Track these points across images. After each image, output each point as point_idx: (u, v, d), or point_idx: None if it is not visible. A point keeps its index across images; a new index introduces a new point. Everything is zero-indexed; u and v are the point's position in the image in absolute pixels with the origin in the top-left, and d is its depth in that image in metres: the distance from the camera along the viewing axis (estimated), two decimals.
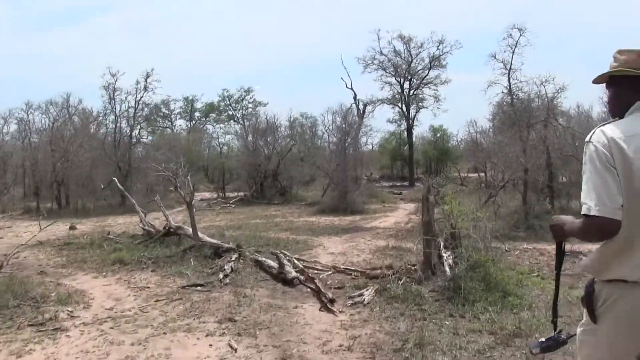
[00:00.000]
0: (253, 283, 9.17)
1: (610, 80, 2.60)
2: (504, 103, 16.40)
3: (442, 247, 8.23)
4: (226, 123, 62.20)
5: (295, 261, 10.05)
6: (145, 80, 27.44)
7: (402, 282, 7.96)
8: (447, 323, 6.44)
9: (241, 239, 13.87)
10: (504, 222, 14.45)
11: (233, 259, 10.77)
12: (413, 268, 8.44)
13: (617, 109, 2.57)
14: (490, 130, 26.87)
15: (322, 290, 7.98)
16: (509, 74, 15.54)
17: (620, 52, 2.55)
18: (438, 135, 47.35)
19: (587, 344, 2.55)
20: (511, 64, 15.43)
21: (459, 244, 8.27)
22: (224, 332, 6.50)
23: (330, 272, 9.58)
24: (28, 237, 15.36)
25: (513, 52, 15.43)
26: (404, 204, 24.58)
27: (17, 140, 30.30)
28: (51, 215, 23.02)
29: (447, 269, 7.74)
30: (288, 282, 8.99)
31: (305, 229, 16.22)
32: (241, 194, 29.39)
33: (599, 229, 2.28)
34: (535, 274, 8.99)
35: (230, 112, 63.97)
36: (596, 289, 2.47)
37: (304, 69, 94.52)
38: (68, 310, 7.75)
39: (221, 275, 9.46)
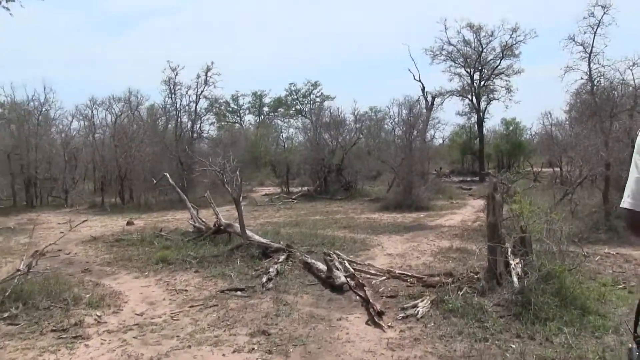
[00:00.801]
0: (298, 288, 8.41)
1: None
2: (583, 91, 14.88)
3: (509, 253, 7.17)
4: (295, 117, 62.29)
5: (347, 264, 9.21)
6: (206, 74, 27.07)
7: (462, 292, 6.99)
8: (512, 346, 5.46)
9: (295, 237, 13.26)
10: (582, 223, 13.12)
11: (280, 260, 10.08)
12: (476, 277, 7.43)
13: None
14: (567, 122, 25.21)
15: (371, 300, 7.10)
16: (589, 57, 14.07)
17: None
18: (510, 128, 45.38)
19: None
20: (592, 46, 13.96)
21: (529, 250, 7.20)
22: (254, 348, 5.76)
23: (384, 278, 8.67)
24: (86, 232, 15.24)
25: (595, 33, 13.94)
26: (472, 201, 23.27)
27: (84, 138, 30.53)
28: (114, 210, 23.15)
29: (514, 279, 6.70)
30: (336, 288, 8.19)
31: (366, 227, 15.33)
32: (305, 188, 28.75)
33: (630, 222, 2.13)
34: (621, 286, 7.80)
35: (298, 107, 63.89)
36: None
37: (371, 62, 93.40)
38: (96, 315, 7.25)
39: (264, 279, 8.75)
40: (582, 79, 14.34)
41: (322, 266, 9.14)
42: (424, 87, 39.08)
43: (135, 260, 11.11)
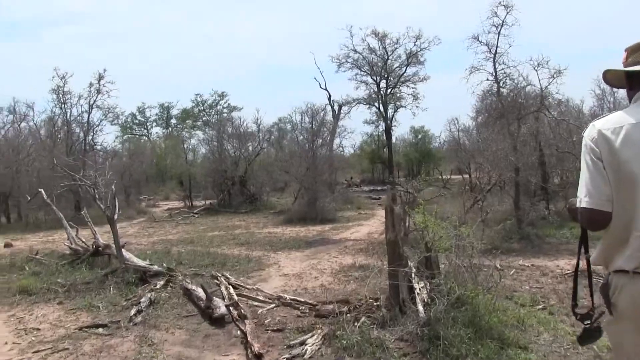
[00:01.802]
0: (171, 322, 7.02)
1: (625, 74, 2.55)
2: (489, 93, 14.18)
3: (413, 275, 6.02)
4: (202, 129, 60.42)
5: (231, 290, 7.86)
6: (99, 82, 24.98)
7: (359, 324, 5.77)
8: None
9: (186, 256, 11.93)
10: (494, 232, 12.32)
11: (158, 286, 8.63)
12: (375, 304, 6.24)
13: (629, 102, 2.54)
14: (474, 127, 24.85)
15: (249, 337, 5.79)
16: (494, 57, 13.39)
17: (625, 50, 2.56)
18: (419, 136, 45.44)
19: (611, 333, 2.54)
20: (497, 46, 13.29)
21: (436, 271, 6.08)
22: None
23: (273, 306, 7.37)
24: None
25: (499, 33, 13.26)
26: (381, 210, 22.35)
27: None
28: None
29: (420, 307, 5.52)
30: (216, 320, 6.82)
31: (265, 243, 14.02)
32: (208, 202, 27.13)
33: (588, 220, 2.41)
34: (541, 306, 6.80)
35: (205, 118, 61.98)
36: (609, 279, 2.46)
37: (280, 72, 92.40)
38: None
39: (132, 312, 7.26)
40: (487, 79, 13.63)
41: (202, 294, 7.76)
42: (330, 96, 38.41)
43: None
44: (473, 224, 12.44)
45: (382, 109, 39.35)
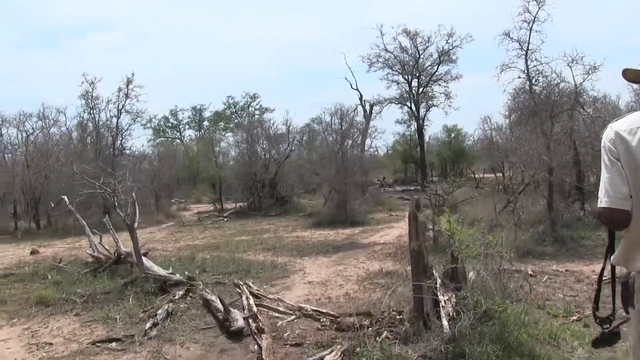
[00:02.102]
0: (188, 335, 6.82)
1: None
2: (521, 91, 13.73)
3: (438, 287, 5.71)
4: (234, 131, 60.41)
5: (251, 301, 7.63)
6: (127, 87, 25.06)
7: (381, 339, 5.48)
8: None
9: (210, 263, 11.73)
10: (527, 235, 11.91)
11: (177, 297, 8.44)
12: (399, 317, 5.95)
13: None
14: (507, 125, 24.26)
15: (264, 356, 5.55)
16: (526, 54, 12.97)
17: None
18: (452, 135, 44.76)
19: (630, 335, 2.52)
20: (529, 42, 12.85)
21: (463, 282, 5.77)
22: None
23: (293, 317, 7.13)
24: None
25: (530, 29, 12.83)
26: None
27: None
28: (26, 237, 20.99)
29: (444, 322, 5.22)
30: (234, 334, 6.61)
31: (292, 248, 13.81)
32: (238, 205, 27.03)
33: (607, 219, 2.42)
34: (575, 317, 6.42)
35: (237, 120, 62.05)
36: (631, 279, 2.46)
37: (312, 73, 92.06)
38: None
39: (148, 325, 7.09)
40: (519, 77, 13.20)
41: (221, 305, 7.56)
42: (361, 96, 38.08)
43: (11, 303, 9.25)
44: (505, 227, 12.19)
45: (414, 108, 38.89)
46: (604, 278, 2.74)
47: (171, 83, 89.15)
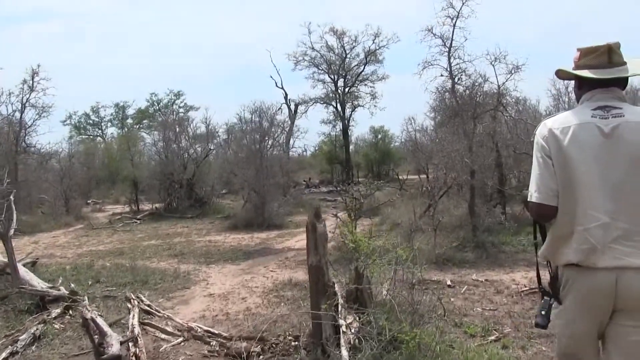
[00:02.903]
0: None
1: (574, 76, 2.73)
2: (443, 89, 13.19)
3: (340, 309, 4.91)
4: (158, 129, 58.14)
5: (134, 320, 6.65)
6: (32, 79, 23.21)
7: None
8: None
9: (107, 272, 10.65)
10: (447, 240, 11.35)
11: (52, 316, 7.37)
12: (294, 343, 5.13)
13: (577, 102, 2.74)
14: (431, 126, 23.92)
15: None
16: (449, 51, 12.42)
17: (578, 49, 2.70)
18: (379, 136, 44.47)
19: (557, 324, 2.68)
20: (452, 39, 12.30)
21: (368, 304, 4.99)
22: None
23: (180, 340, 6.21)
24: None
25: (454, 25, 12.29)
26: (339, 213, 21.23)
27: None
28: None
29: (344, 352, 4.41)
30: None
31: (201, 254, 12.81)
32: (155, 206, 25.68)
33: (536, 213, 2.63)
34: (494, 337, 5.75)
35: (161, 119, 59.97)
36: (559, 272, 2.65)
37: (235, 71, 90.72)
38: None
39: (3, 355, 6.01)
40: (442, 75, 12.65)
41: (104, 325, 6.54)
42: (286, 95, 37.31)
43: None
44: (426, 232, 11.60)
45: (339, 108, 38.34)
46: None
47: (95, 79, 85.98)
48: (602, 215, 2.44)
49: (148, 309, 7.39)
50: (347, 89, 38.23)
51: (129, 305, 7.46)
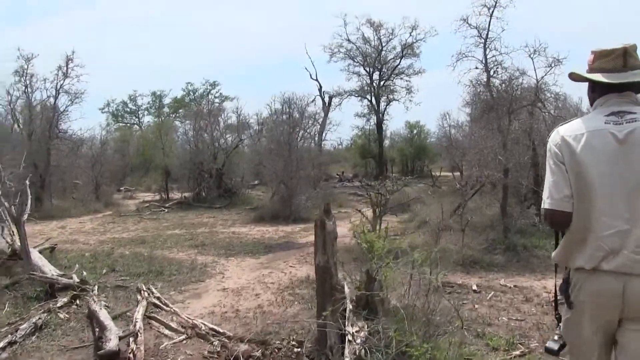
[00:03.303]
0: (48, 358, 5.51)
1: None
2: (478, 83, 12.54)
3: (347, 315, 4.50)
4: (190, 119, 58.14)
5: (139, 313, 6.34)
6: (67, 66, 23.11)
7: None
8: None
9: (125, 261, 10.48)
10: (476, 241, 10.82)
11: (57, 305, 7.10)
12: (296, 350, 4.73)
13: (591, 105, 2.71)
14: (467, 121, 23.21)
15: None
16: (484, 43, 11.79)
17: (592, 51, 2.66)
18: (415, 131, 43.76)
19: (568, 329, 2.65)
20: (488, 30, 11.66)
21: (379, 310, 4.57)
22: None
23: (183, 337, 5.87)
24: None
25: (491, 15, 11.65)
26: (365, 209, 20.78)
27: None
28: None
29: None
30: (104, 358, 5.32)
31: (222, 245, 12.52)
32: (184, 195, 25.57)
33: (550, 219, 2.61)
34: (518, 353, 5.25)
35: (197, 108, 60.05)
36: (570, 276, 2.61)
37: (271, 62, 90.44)
38: None
39: (1, 344, 5.74)
40: (476, 68, 12.03)
41: (106, 319, 6.26)
42: (320, 87, 36.85)
43: None
44: (456, 231, 11.10)
45: (374, 101, 37.71)
46: None
47: (132, 67, 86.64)
48: (619, 223, 2.40)
49: (156, 302, 7.08)
50: (382, 82, 37.56)
51: (139, 297, 7.17)
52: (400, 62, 37.22)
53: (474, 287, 7.84)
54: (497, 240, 10.92)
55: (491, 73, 11.88)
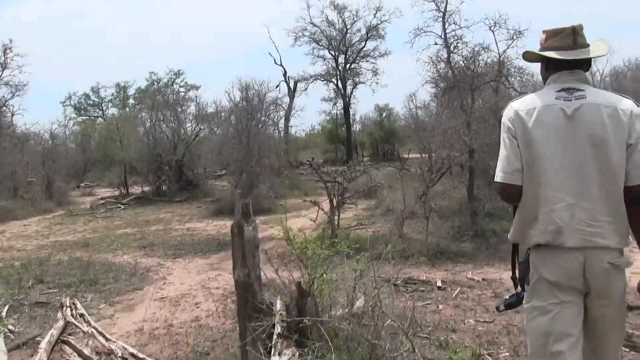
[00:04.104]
0: None
1: (539, 57, 2.74)
2: (438, 59, 11.73)
3: (274, 341, 3.67)
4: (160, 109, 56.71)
5: (45, 341, 5.44)
6: (4, 56, 21.83)
7: None
8: None
9: (57, 268, 9.56)
10: (443, 228, 10.10)
11: None
12: None
13: (544, 83, 2.73)
14: (430, 100, 22.40)
15: None
16: (443, 17, 11.01)
17: (543, 31, 2.73)
18: (384, 114, 43.15)
19: (527, 306, 2.62)
20: (447, 3, 10.90)
21: (313, 335, 3.74)
22: None
23: None
24: None
25: None
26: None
27: None
28: None
29: None
30: None
31: (172, 245, 11.66)
32: (142, 190, 24.56)
33: (501, 192, 2.63)
34: None
35: (159, 98, 58.55)
36: (527, 255, 2.61)
37: (237, 49, 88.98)
38: None
39: None
40: (436, 44, 11.25)
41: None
42: (285, 72, 35.92)
43: None
44: (422, 218, 10.36)
45: (340, 85, 36.93)
46: None
47: (94, 58, 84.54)
48: (567, 197, 2.44)
49: (75, 321, 6.19)
50: (348, 66, 36.86)
51: (59, 315, 6.29)
52: (365, 44, 36.65)
53: (439, 284, 7.06)
54: (465, 226, 10.24)
55: (451, 49, 11.12)
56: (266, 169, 19.45)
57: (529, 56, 2.82)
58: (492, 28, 11.14)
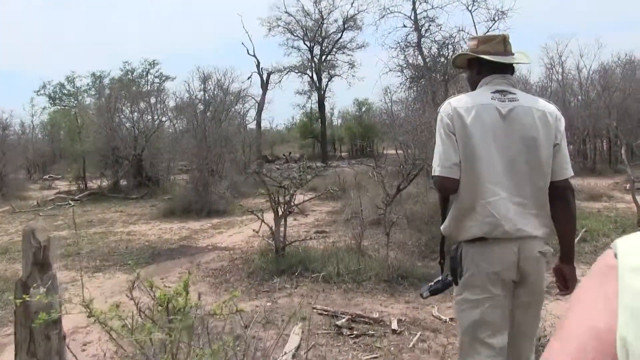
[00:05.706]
0: None
1: (467, 63, 2.87)
2: (406, 44, 10.28)
3: None
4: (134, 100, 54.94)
5: None
6: None
7: None
8: None
9: None
10: (411, 242, 8.70)
11: None
12: None
13: (471, 87, 2.82)
14: (403, 91, 21.04)
15: None
16: None
17: (470, 38, 2.91)
18: (363, 109, 41.95)
19: (459, 298, 2.68)
20: None
21: None
22: None
23: None
24: None
25: None
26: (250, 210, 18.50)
27: None
28: None
29: None
30: None
31: (103, 253, 10.18)
32: (98, 185, 23.01)
33: (439, 186, 2.70)
34: None
35: (135, 88, 56.79)
36: (459, 249, 2.67)
37: (212, 39, 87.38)
38: None
39: None
40: (404, 26, 9.83)
41: None
42: (258, 63, 34.37)
43: None
44: (396, 225, 8.97)
45: (315, 77, 35.50)
46: None
47: (72, 49, 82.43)
48: (502, 191, 2.55)
49: None
50: (323, 57, 35.41)
51: None
52: (342, 35, 35.15)
53: (394, 325, 5.51)
54: (436, 238, 8.78)
55: (422, 32, 9.70)
56: (230, 165, 18.01)
57: (459, 61, 2.92)
58: (469, 8, 9.83)
